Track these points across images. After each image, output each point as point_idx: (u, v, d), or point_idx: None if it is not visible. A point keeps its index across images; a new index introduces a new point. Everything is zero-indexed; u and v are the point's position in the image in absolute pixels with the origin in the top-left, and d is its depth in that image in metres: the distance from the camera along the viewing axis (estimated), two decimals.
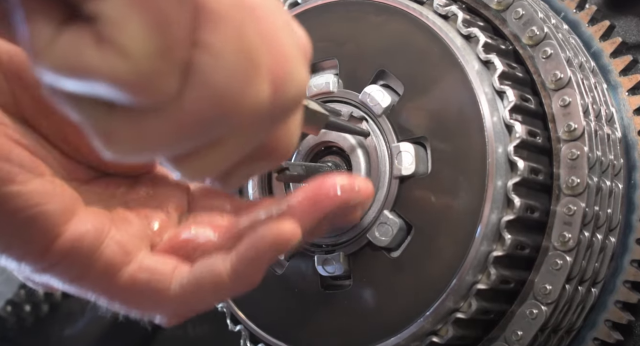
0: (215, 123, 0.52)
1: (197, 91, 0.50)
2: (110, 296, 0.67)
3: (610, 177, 0.91)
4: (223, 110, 0.51)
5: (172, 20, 0.46)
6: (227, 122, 0.52)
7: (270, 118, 0.56)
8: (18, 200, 0.61)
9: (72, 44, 0.45)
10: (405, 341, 0.87)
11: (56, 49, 0.45)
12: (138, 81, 0.46)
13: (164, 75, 0.48)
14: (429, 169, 0.89)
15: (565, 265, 0.85)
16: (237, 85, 0.51)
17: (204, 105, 0.50)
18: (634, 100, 0.97)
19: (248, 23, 0.51)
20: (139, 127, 0.50)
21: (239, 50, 0.51)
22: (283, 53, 0.55)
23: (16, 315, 1.50)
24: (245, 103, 0.52)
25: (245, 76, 0.51)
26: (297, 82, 0.56)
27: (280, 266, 0.98)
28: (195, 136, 0.52)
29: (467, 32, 0.90)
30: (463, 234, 0.85)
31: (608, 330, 0.93)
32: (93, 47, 0.45)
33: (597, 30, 1.00)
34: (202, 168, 0.56)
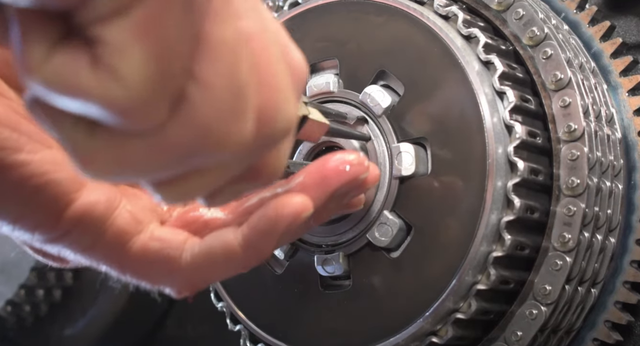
0: (197, 154, 0.52)
1: (183, 122, 0.50)
2: (122, 266, 0.68)
3: (610, 177, 0.91)
4: (207, 143, 0.51)
5: (173, 52, 0.46)
6: (209, 154, 0.52)
7: (255, 150, 0.56)
8: (27, 168, 0.62)
9: (67, 64, 0.45)
10: (405, 341, 0.87)
11: (50, 67, 0.45)
12: (130, 107, 0.46)
13: (156, 103, 0.48)
14: (429, 170, 0.89)
15: (565, 266, 0.85)
16: (223, 121, 0.51)
17: (188, 137, 0.50)
18: (634, 100, 0.97)
19: (242, 57, 0.51)
20: (119, 151, 0.49)
21: (230, 87, 0.51)
22: (273, 88, 0.55)
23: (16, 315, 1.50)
24: (229, 139, 0.52)
25: (232, 113, 0.51)
26: (286, 115, 0.56)
27: (280, 266, 0.98)
28: (176, 165, 0.52)
29: (467, 33, 0.90)
30: (463, 234, 0.85)
31: (608, 330, 0.93)
32: (88, 69, 0.45)
33: (597, 30, 1.00)
34: (181, 194, 0.56)
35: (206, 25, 0.49)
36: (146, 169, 0.51)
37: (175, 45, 0.46)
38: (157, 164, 0.51)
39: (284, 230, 0.66)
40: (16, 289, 1.46)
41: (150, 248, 0.67)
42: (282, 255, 0.97)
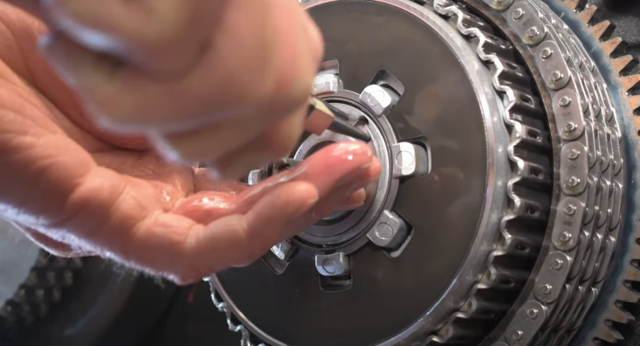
0: (217, 106, 0.51)
1: (208, 69, 0.49)
2: (126, 251, 0.67)
3: (610, 176, 0.92)
4: (228, 94, 0.51)
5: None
6: (229, 107, 0.52)
7: (272, 112, 0.56)
8: (32, 151, 0.62)
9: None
10: (406, 341, 0.87)
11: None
12: (160, 44, 0.46)
13: (186, 45, 0.47)
14: (429, 169, 0.89)
15: (565, 265, 0.85)
16: (246, 73, 0.51)
17: (211, 85, 0.50)
18: (634, 100, 0.97)
19: (269, 15, 0.52)
20: (140, 95, 0.49)
21: (257, 40, 0.51)
22: (294, 53, 0.55)
23: (16, 315, 1.50)
24: (249, 92, 0.52)
25: (255, 66, 0.51)
26: (303, 83, 0.56)
27: (281, 267, 0.98)
28: (195, 115, 0.52)
29: (467, 32, 0.90)
30: (463, 234, 0.85)
31: (608, 329, 0.93)
32: (122, 2, 0.45)
33: (597, 30, 1.00)
34: (197, 150, 0.55)
35: None
36: (165, 117, 0.51)
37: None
38: (177, 112, 0.51)
39: (289, 217, 0.66)
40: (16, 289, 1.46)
41: (155, 233, 0.67)
42: (283, 255, 0.97)
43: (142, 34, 0.45)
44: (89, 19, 0.45)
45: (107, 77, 0.48)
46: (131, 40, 0.45)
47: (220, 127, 0.55)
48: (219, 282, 1.03)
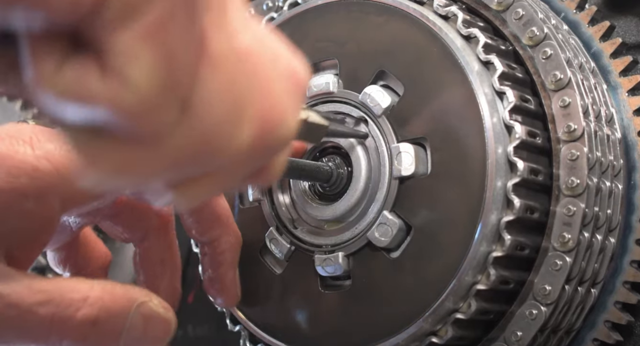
0: (198, 161, 0.53)
1: (186, 129, 0.51)
2: None
3: (610, 177, 0.91)
4: (207, 149, 0.52)
5: (180, 58, 0.48)
6: (212, 160, 0.54)
7: (259, 156, 0.58)
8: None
9: (78, 73, 0.46)
10: (405, 341, 0.87)
11: (61, 77, 0.46)
12: (140, 111, 0.47)
13: (165, 108, 0.49)
14: (428, 170, 0.89)
15: (564, 266, 0.85)
16: (223, 127, 0.52)
17: (189, 143, 0.51)
18: (634, 100, 0.97)
19: (242, 69, 0.53)
20: (121, 157, 0.50)
21: (231, 96, 0.52)
22: (273, 99, 0.56)
23: None
24: (228, 145, 0.53)
25: (231, 120, 0.53)
26: (285, 126, 0.58)
27: (280, 267, 0.98)
28: (178, 170, 0.53)
29: (467, 33, 0.90)
30: (463, 235, 0.85)
31: (607, 330, 0.93)
32: (98, 78, 0.46)
33: (597, 30, 1.00)
34: (194, 196, 0.56)
35: (207, 37, 0.50)
36: (148, 175, 0.52)
37: (182, 53, 0.48)
38: (160, 170, 0.52)
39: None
40: None
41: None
42: (282, 255, 0.97)
43: (121, 103, 0.46)
44: (69, 97, 0.46)
45: (90, 138, 0.50)
46: (111, 109, 0.47)
47: (208, 174, 0.56)
48: None
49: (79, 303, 0.61)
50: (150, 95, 0.47)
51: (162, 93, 0.47)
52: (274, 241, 0.98)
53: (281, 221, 0.99)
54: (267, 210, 1.00)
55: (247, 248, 1.00)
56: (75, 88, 0.46)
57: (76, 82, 0.46)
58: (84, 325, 0.61)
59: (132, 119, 0.48)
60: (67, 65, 0.46)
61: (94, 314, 0.61)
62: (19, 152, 0.67)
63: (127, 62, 0.46)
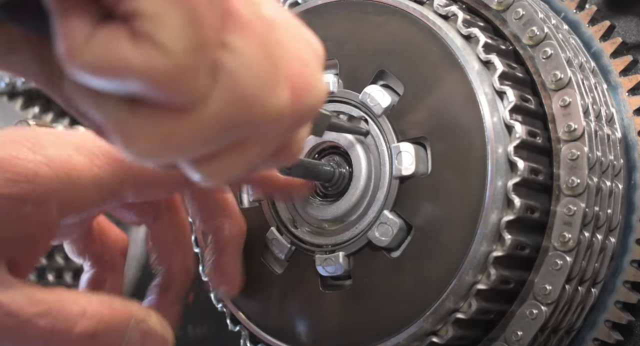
0: (239, 126, 0.52)
1: (224, 93, 0.50)
2: None
3: (610, 177, 0.91)
4: (248, 114, 0.52)
5: (206, 18, 0.48)
6: (250, 125, 0.53)
7: (292, 123, 0.57)
8: None
9: (109, 41, 0.46)
10: (405, 341, 0.87)
11: (92, 47, 0.46)
12: (174, 76, 0.47)
13: (198, 73, 0.49)
14: (429, 169, 0.89)
15: (565, 266, 0.85)
16: (262, 89, 0.52)
17: (230, 108, 0.51)
18: (634, 100, 0.97)
19: (271, 35, 0.53)
20: (162, 128, 0.50)
21: (265, 55, 0.52)
22: (303, 62, 0.56)
23: None
24: (268, 108, 0.53)
25: (270, 81, 0.52)
26: (318, 89, 0.57)
27: (280, 266, 0.98)
28: (220, 138, 0.52)
29: (467, 33, 0.90)
30: (463, 234, 0.85)
31: (608, 330, 0.93)
32: (129, 44, 0.46)
33: (597, 30, 1.00)
34: (222, 171, 0.56)
35: (233, 4, 0.50)
36: (189, 145, 0.51)
37: (207, 13, 0.48)
38: (200, 139, 0.51)
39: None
40: None
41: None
42: (283, 255, 0.97)
43: (154, 68, 0.47)
44: (102, 66, 0.46)
45: (129, 112, 0.50)
46: (145, 76, 0.47)
47: (243, 146, 0.55)
48: None
49: (77, 316, 0.61)
50: (182, 57, 0.47)
51: (194, 55, 0.47)
52: (275, 241, 0.98)
53: (282, 221, 0.99)
54: (267, 210, 1.00)
55: (248, 248, 1.00)
56: (108, 57, 0.46)
57: (108, 51, 0.46)
58: (82, 338, 0.61)
59: (167, 84, 0.47)
60: (97, 34, 0.46)
61: (92, 328, 0.61)
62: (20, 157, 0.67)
63: (157, 26, 0.46)
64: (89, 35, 0.46)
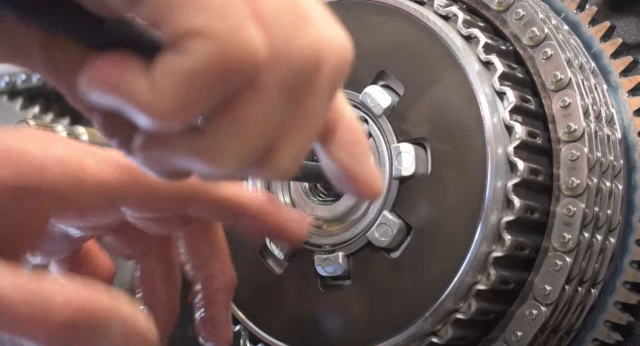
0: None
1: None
2: None
3: (610, 178, 0.91)
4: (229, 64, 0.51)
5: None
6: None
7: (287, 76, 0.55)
8: None
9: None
10: (405, 341, 0.87)
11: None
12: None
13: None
14: (428, 170, 0.89)
15: (565, 266, 0.85)
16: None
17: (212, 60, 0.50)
18: (634, 101, 0.97)
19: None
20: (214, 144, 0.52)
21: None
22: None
23: None
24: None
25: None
26: (311, 36, 0.55)
27: (280, 267, 0.98)
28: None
29: (467, 33, 0.90)
30: (463, 235, 0.85)
31: (608, 330, 0.93)
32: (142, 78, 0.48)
33: (597, 31, 1.00)
34: (285, 162, 0.56)
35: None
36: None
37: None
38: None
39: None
40: None
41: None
42: (282, 255, 0.97)
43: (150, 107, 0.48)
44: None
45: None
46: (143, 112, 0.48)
47: (286, 134, 0.55)
48: None
49: (61, 306, 0.60)
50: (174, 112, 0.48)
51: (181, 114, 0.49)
52: (274, 241, 0.98)
53: None
54: None
55: (247, 248, 1.00)
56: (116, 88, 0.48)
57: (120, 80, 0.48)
58: (63, 329, 0.60)
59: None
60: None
61: (74, 319, 0.60)
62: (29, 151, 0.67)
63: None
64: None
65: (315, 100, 0.55)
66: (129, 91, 0.47)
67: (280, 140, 0.54)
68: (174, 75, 0.47)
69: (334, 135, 0.61)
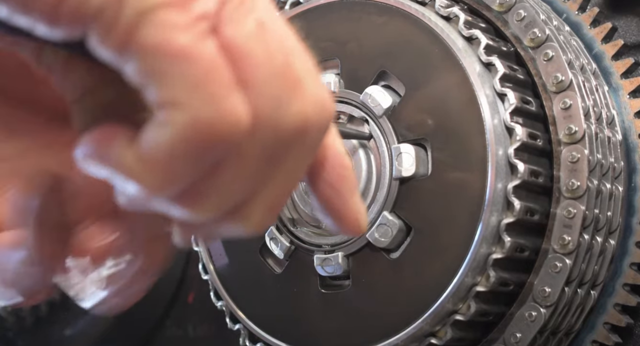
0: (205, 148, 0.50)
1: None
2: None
3: (610, 179, 0.91)
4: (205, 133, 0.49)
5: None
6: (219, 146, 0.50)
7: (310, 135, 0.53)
8: None
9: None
10: (404, 342, 0.87)
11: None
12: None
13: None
14: (429, 171, 0.89)
15: (564, 268, 0.85)
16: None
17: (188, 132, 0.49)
18: (635, 102, 0.97)
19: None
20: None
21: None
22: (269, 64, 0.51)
23: (16, 315, 1.50)
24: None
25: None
26: (296, 103, 0.51)
27: (280, 266, 0.99)
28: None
29: (468, 34, 0.90)
30: (463, 236, 0.85)
31: (607, 332, 0.93)
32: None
33: (598, 32, 1.00)
34: (261, 215, 0.54)
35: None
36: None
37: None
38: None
39: None
40: None
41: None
42: (282, 254, 0.97)
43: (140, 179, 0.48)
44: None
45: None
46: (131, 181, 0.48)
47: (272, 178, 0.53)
48: (219, 281, 1.03)
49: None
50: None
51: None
52: (274, 240, 0.98)
53: (281, 220, 0.99)
54: None
55: (247, 247, 1.00)
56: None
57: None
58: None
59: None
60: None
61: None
62: None
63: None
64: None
65: (297, 161, 0.53)
66: (118, 165, 0.47)
67: (256, 195, 0.53)
68: (155, 148, 0.46)
69: (322, 171, 0.58)
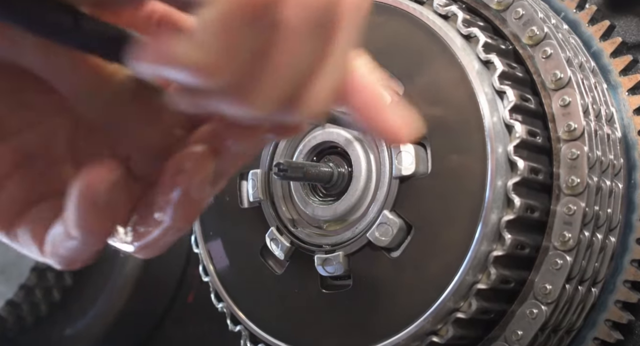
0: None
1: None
2: None
3: (610, 176, 0.91)
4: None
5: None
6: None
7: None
8: None
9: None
10: (405, 341, 0.87)
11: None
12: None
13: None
14: (429, 169, 0.89)
15: (565, 265, 0.85)
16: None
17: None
18: (634, 100, 0.97)
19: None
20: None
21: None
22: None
23: (16, 315, 1.50)
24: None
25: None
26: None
27: (280, 267, 0.98)
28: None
29: (467, 32, 0.90)
30: (463, 234, 0.85)
31: (608, 329, 0.93)
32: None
33: (597, 30, 1.00)
34: (318, 103, 0.56)
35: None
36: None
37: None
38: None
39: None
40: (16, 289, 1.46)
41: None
42: (282, 255, 0.97)
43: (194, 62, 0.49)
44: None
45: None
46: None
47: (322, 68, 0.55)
48: (219, 282, 1.03)
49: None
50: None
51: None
52: (275, 241, 0.98)
53: (281, 221, 0.99)
54: (267, 210, 1.00)
55: (248, 249, 1.00)
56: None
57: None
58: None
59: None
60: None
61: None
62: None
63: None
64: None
65: (338, 36, 0.56)
66: (178, 59, 0.49)
67: (310, 80, 0.55)
68: (210, 27, 0.49)
69: (355, 91, 0.62)
